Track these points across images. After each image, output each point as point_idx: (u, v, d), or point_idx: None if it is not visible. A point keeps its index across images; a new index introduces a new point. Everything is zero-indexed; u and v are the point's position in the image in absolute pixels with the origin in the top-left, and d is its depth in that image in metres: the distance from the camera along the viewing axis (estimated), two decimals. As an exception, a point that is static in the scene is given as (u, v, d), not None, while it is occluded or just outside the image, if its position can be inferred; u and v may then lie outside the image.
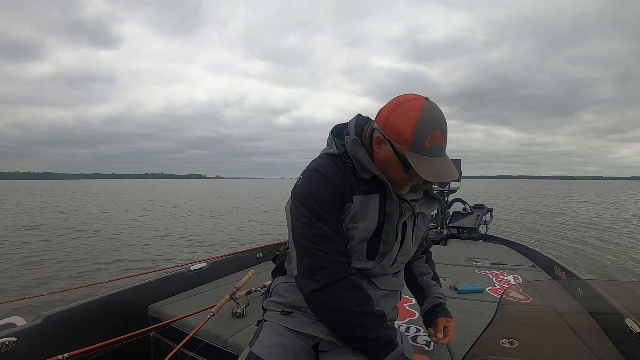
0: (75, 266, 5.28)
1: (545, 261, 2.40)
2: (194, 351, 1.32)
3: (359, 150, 0.84)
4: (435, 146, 0.76)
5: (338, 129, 0.91)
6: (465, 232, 3.63)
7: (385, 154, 0.82)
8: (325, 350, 0.91)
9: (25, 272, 4.88)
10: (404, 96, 0.80)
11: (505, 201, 21.66)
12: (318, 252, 0.80)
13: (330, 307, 0.81)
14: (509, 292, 1.03)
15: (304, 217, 0.82)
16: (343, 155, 0.86)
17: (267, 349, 0.85)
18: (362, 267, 0.89)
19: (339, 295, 0.80)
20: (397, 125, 0.77)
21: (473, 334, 1.27)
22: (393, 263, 0.93)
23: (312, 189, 0.83)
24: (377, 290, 0.93)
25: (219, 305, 1.45)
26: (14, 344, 1.17)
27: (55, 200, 20.60)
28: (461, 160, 3.75)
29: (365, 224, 0.85)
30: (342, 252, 0.82)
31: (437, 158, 0.78)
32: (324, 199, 0.81)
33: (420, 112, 0.75)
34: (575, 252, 6.59)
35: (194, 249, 6.68)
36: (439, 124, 0.76)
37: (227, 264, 2.22)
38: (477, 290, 1.81)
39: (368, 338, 0.80)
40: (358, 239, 0.86)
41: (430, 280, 1.13)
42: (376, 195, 0.86)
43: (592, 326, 0.93)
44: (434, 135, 0.75)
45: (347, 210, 0.84)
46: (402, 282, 1.04)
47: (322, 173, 0.83)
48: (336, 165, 0.85)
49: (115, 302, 1.54)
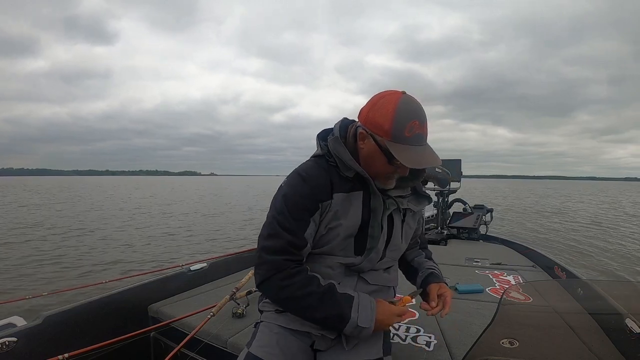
0: (75, 266, 5.29)
1: (545, 261, 2.40)
2: (194, 351, 1.32)
3: (340, 147, 0.87)
4: (415, 135, 0.80)
5: (324, 133, 0.95)
6: (465, 232, 3.63)
7: (368, 149, 0.85)
8: (322, 349, 0.93)
9: (25, 272, 4.88)
10: (382, 92, 0.84)
11: (501, 200, 21.68)
12: (264, 249, 0.87)
13: (274, 297, 0.89)
14: (509, 292, 1.03)
15: (270, 217, 0.88)
16: (326, 155, 0.90)
17: (265, 348, 0.87)
18: (350, 262, 0.91)
19: (276, 285, 0.85)
20: (376, 119, 0.81)
21: (473, 334, 1.28)
22: (382, 258, 0.94)
23: (287, 192, 0.88)
24: (366, 285, 0.94)
25: (218, 305, 1.45)
26: (14, 344, 1.17)
27: (55, 198, 20.63)
28: (461, 160, 3.75)
29: (348, 221, 0.88)
30: (286, 251, 0.85)
31: (418, 146, 0.81)
32: (295, 201, 0.86)
33: (397, 104, 0.79)
34: (573, 251, 6.60)
35: (195, 248, 6.69)
36: (415, 114, 0.80)
37: (227, 264, 2.22)
38: (477, 290, 1.82)
39: (317, 317, 0.85)
40: (343, 235, 0.88)
41: (423, 258, 1.12)
42: (359, 192, 0.89)
43: (592, 326, 0.93)
44: (412, 125, 0.79)
45: (326, 208, 0.87)
46: (395, 277, 1.04)
47: (301, 175, 0.88)
48: (319, 166, 0.89)
49: (115, 302, 1.54)
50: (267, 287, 0.88)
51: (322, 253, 0.91)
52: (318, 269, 0.90)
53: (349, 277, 0.93)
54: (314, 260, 0.92)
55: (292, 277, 0.85)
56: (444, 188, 3.66)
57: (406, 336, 1.29)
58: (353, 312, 0.83)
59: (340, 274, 0.92)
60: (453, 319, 1.42)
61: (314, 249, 0.91)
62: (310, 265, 0.91)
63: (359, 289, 0.92)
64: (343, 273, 0.92)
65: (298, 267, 0.87)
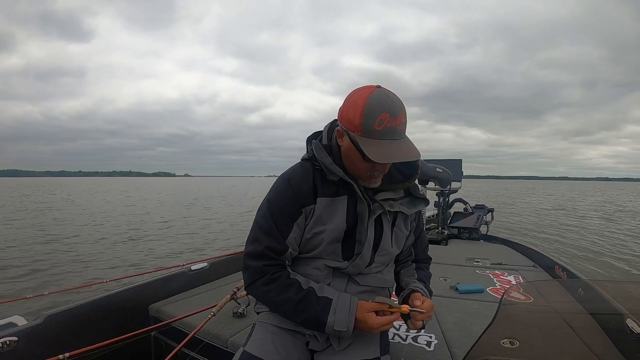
0: (75, 266, 5.29)
1: (546, 261, 2.40)
2: (195, 351, 1.33)
3: (321, 152, 0.87)
4: (386, 128, 0.77)
5: (313, 136, 0.95)
6: (465, 232, 3.63)
7: (346, 145, 0.85)
8: (317, 350, 0.93)
9: (25, 271, 4.88)
10: (358, 88, 0.82)
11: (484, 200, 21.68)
12: (247, 254, 0.89)
13: (260, 300, 0.95)
14: (509, 292, 1.03)
15: (254, 222, 0.91)
16: (312, 158, 0.90)
17: (260, 347, 0.88)
18: (337, 266, 0.91)
19: (258, 290, 0.88)
20: (348, 114, 0.80)
21: (473, 334, 1.28)
22: (370, 263, 0.92)
23: (271, 197, 0.90)
24: (357, 286, 0.93)
25: (219, 305, 1.45)
26: (15, 343, 1.17)
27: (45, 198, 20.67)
28: (461, 160, 3.75)
29: (332, 225, 0.87)
30: (266, 256, 0.86)
31: (390, 140, 0.78)
32: (278, 207, 0.87)
33: (367, 98, 0.77)
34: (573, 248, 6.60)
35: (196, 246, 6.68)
36: (387, 106, 0.77)
37: (227, 264, 2.22)
38: (477, 290, 1.82)
39: (297, 321, 0.87)
40: (328, 239, 0.88)
41: (412, 279, 1.03)
42: (344, 196, 0.88)
43: (593, 326, 0.93)
44: (382, 118, 0.76)
45: (309, 213, 0.87)
46: (390, 279, 1.01)
47: (286, 179, 0.90)
48: (304, 169, 0.90)
49: (115, 302, 1.54)
50: (252, 290, 0.91)
51: (310, 257, 0.91)
52: (306, 271, 0.91)
53: (338, 279, 0.92)
54: (303, 263, 0.92)
55: (271, 283, 0.86)
56: (444, 188, 3.66)
57: (407, 336, 1.29)
58: (330, 316, 0.82)
59: (328, 275, 0.91)
60: (454, 319, 1.42)
61: (301, 253, 0.91)
62: (299, 267, 0.92)
63: (349, 290, 0.91)
64: (332, 274, 0.92)
65: (278, 272, 0.87)
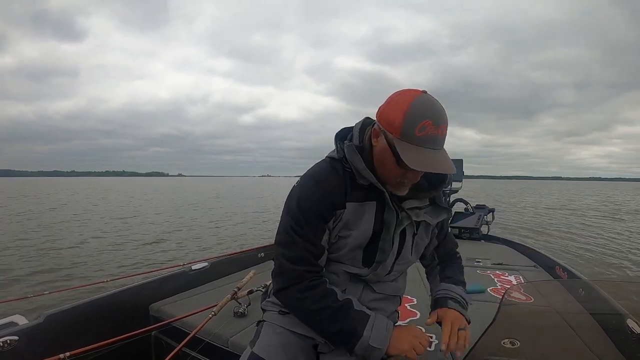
0: (75, 266, 5.29)
1: (547, 261, 2.40)
2: (195, 350, 1.33)
3: (355, 156, 0.83)
4: (427, 136, 0.74)
5: (343, 133, 0.91)
6: (466, 232, 3.62)
7: (380, 146, 0.81)
8: (325, 352, 0.92)
9: (25, 271, 4.89)
10: (402, 90, 0.79)
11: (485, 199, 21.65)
12: (284, 257, 0.85)
13: (289, 306, 0.89)
14: (510, 292, 1.03)
15: (285, 223, 0.86)
16: (343, 160, 0.86)
17: (268, 349, 0.86)
18: (356, 272, 0.89)
19: (293, 296, 0.85)
20: (389, 115, 0.77)
21: (474, 334, 1.27)
22: (389, 272, 0.92)
23: (301, 197, 0.85)
24: (372, 293, 0.93)
25: (220, 305, 1.45)
26: (15, 342, 1.17)
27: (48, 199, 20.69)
28: (462, 160, 3.75)
29: (358, 231, 0.85)
30: (305, 260, 0.84)
31: (428, 149, 0.75)
32: (310, 208, 0.83)
33: (412, 101, 0.74)
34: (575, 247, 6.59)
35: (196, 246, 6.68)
36: (431, 113, 0.74)
37: (228, 264, 2.22)
38: (478, 290, 1.81)
39: (330, 331, 0.84)
40: (351, 245, 0.86)
41: (437, 281, 1.03)
42: (373, 202, 0.86)
43: (593, 326, 0.92)
44: (425, 124, 0.73)
45: (338, 216, 0.84)
46: (402, 286, 1.02)
47: (315, 179, 0.85)
48: (334, 170, 0.86)
49: (116, 301, 1.54)
50: (284, 295, 0.87)
51: (329, 260, 0.89)
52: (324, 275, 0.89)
53: (354, 285, 0.91)
54: None
55: (310, 290, 0.84)
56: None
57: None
58: (366, 331, 0.81)
59: (345, 280, 0.91)
60: None
61: None
62: None
63: (364, 297, 0.91)
64: (348, 280, 0.91)
65: (317, 279, 0.85)
